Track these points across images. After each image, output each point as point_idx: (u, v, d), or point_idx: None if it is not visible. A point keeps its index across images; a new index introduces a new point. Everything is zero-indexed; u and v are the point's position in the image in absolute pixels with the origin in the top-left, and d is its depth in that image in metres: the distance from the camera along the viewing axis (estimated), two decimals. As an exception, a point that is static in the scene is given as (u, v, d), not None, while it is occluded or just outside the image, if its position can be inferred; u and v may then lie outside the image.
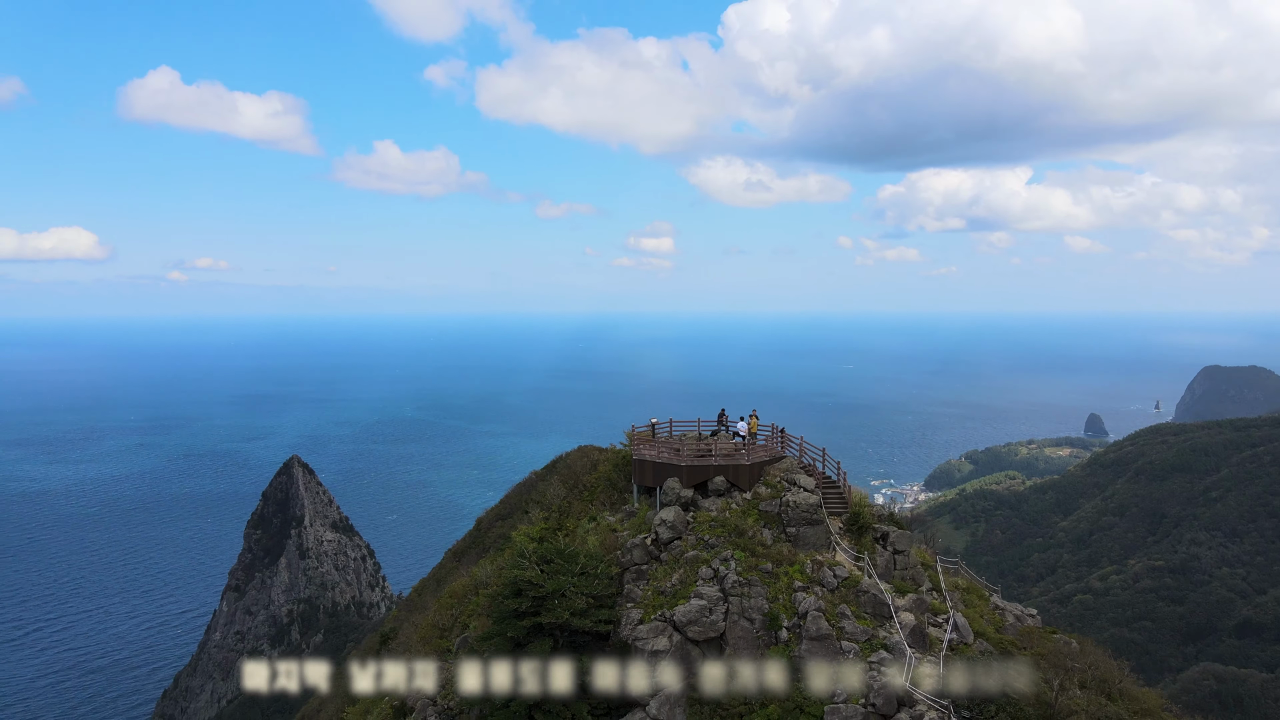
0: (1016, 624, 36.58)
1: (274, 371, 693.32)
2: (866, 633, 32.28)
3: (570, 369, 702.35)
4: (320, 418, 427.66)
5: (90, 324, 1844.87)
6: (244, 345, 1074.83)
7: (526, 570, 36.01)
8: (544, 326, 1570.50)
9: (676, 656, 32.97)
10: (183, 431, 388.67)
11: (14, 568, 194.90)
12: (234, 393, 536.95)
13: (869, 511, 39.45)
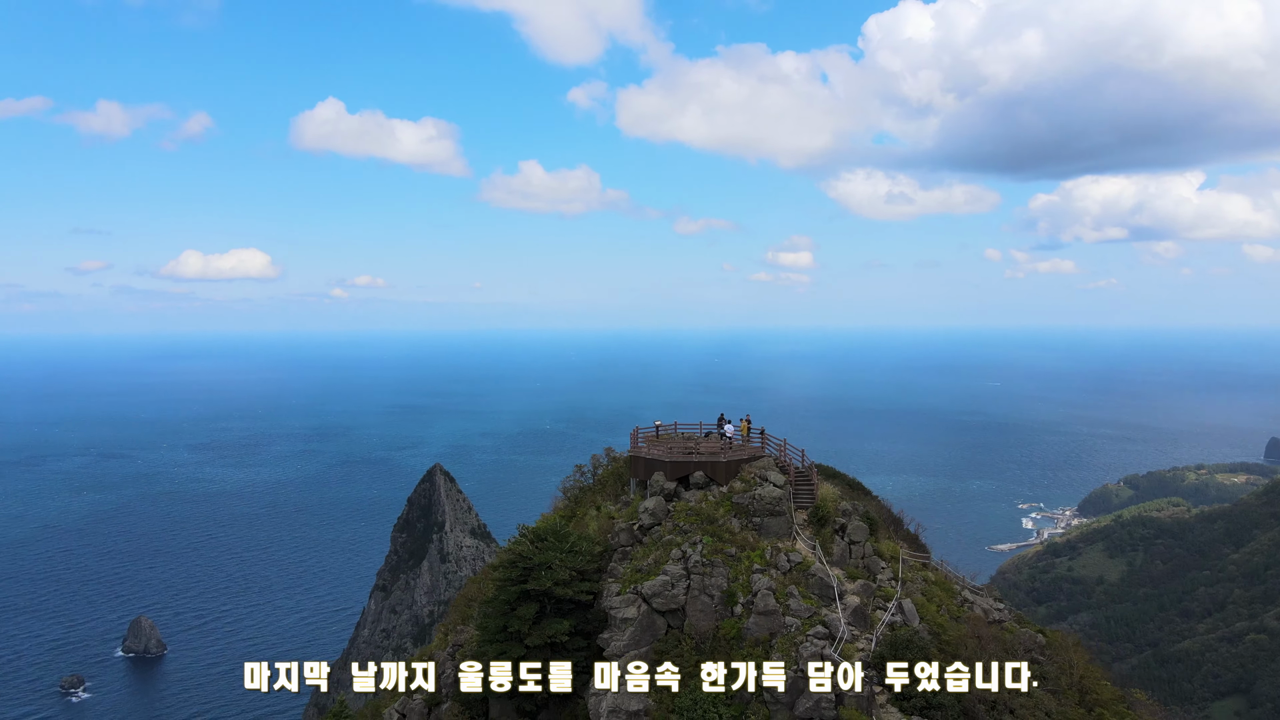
0: (983, 616, 38.64)
1: (423, 384, 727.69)
2: (810, 610, 36.22)
3: (707, 384, 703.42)
4: (465, 428, 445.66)
5: (263, 338, 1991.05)
6: (397, 358, 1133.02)
7: (520, 545, 42.55)
8: (681, 341, 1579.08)
9: (643, 623, 38.19)
10: (341, 439, 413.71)
11: (195, 561, 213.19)
12: (387, 403, 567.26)
13: (832, 506, 42.77)
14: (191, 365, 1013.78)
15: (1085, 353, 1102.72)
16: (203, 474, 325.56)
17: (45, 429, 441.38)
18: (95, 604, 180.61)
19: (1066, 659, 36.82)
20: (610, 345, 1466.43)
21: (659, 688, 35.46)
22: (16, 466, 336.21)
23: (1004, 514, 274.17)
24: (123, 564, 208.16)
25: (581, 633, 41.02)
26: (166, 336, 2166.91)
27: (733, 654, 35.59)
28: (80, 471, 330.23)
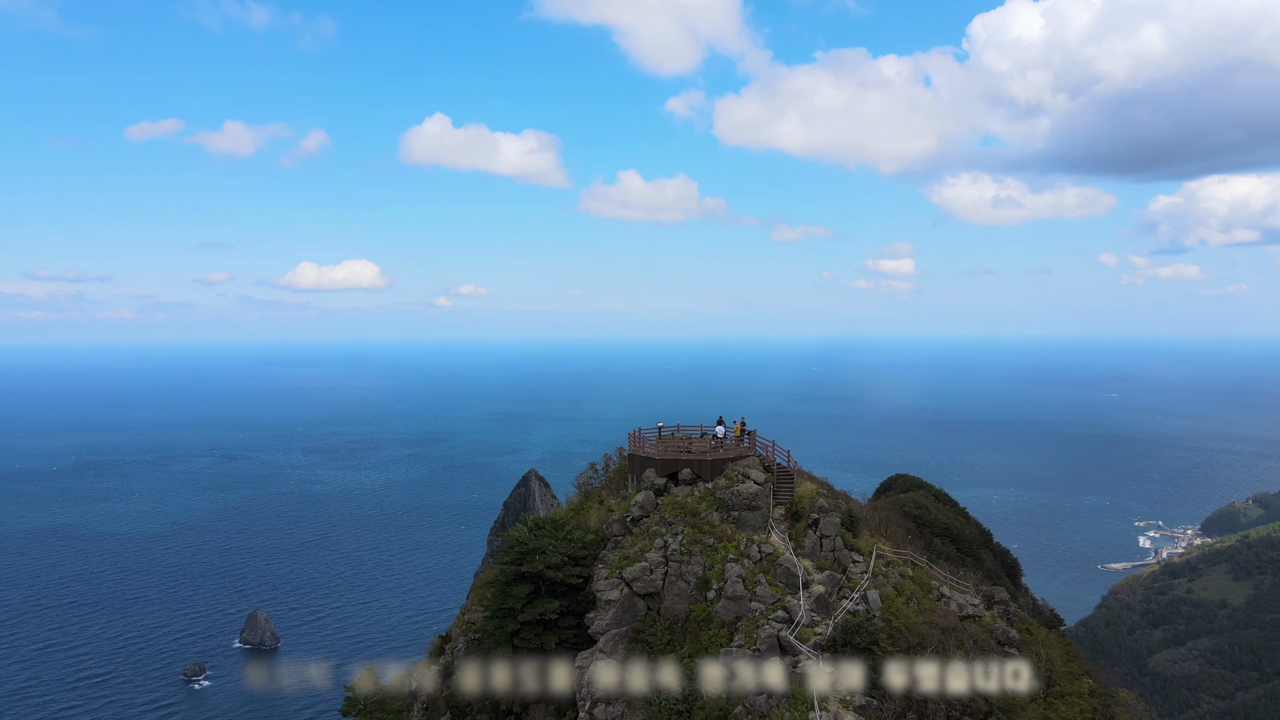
0: (955, 610, 40.36)
1: (524, 391, 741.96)
2: (775, 597, 39.02)
3: (804, 393, 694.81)
4: (563, 435, 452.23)
5: (372, 346, 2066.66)
6: (499, 366, 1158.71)
7: (519, 533, 47.21)
8: (778, 349, 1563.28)
9: (624, 605, 41.23)
10: (445, 445, 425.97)
11: (307, 559, 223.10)
12: (490, 410, 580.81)
13: (808, 502, 45.30)
14: (306, 372, 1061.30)
15: (1212, 363, 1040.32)
16: (315, 476, 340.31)
17: (174, 431, 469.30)
18: (216, 597, 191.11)
19: (1039, 654, 38.69)
20: (707, 353, 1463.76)
21: (633, 660, 39.16)
22: (149, 466, 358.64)
23: (1119, 531, 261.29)
24: (241, 560, 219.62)
25: (572, 612, 44.78)
26: (284, 344, 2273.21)
27: (701, 635, 38.83)
28: (205, 472, 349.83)
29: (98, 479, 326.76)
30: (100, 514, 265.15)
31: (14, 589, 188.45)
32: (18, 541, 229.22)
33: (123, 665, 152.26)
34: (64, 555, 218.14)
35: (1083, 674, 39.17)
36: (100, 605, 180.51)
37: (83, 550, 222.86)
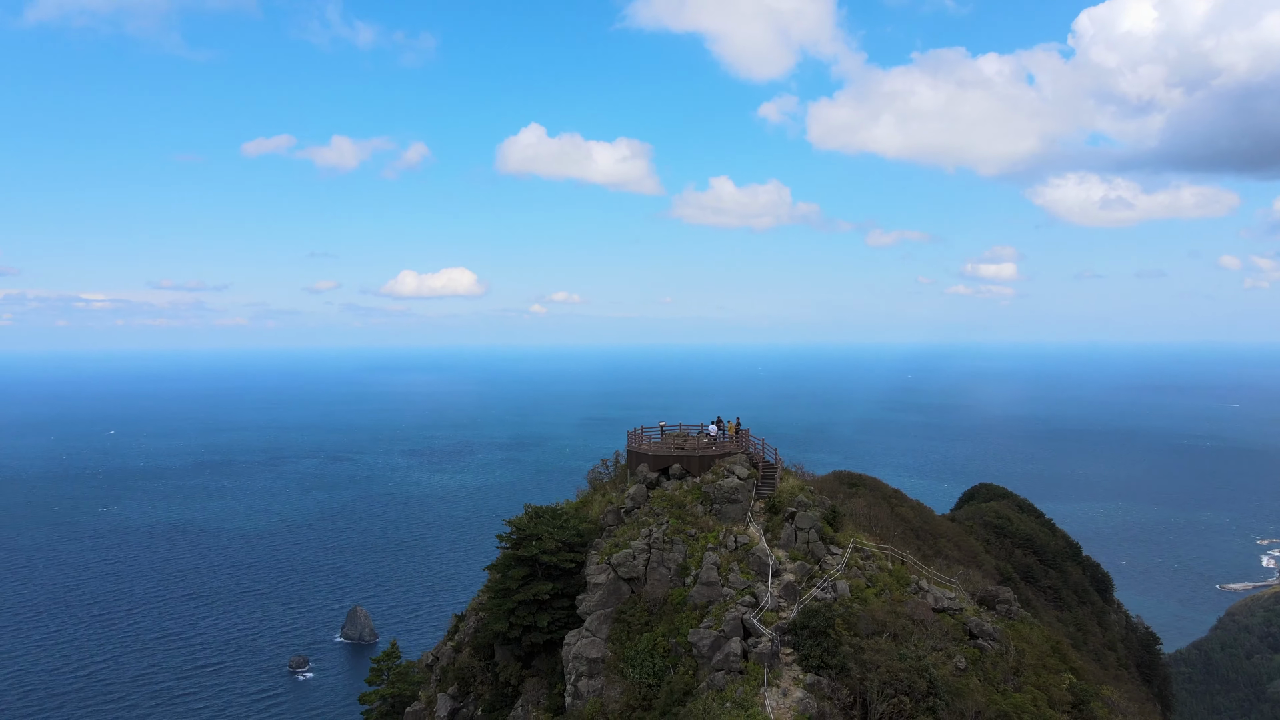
0: (929, 603, 41.99)
1: (616, 396, 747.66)
2: (746, 584, 41.87)
3: (899, 401, 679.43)
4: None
5: (469, 352, 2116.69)
6: (591, 372, 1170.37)
7: (520, 520, 51.11)
8: (873, 356, 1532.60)
9: (610, 588, 44.56)
10: (539, 450, 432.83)
11: (405, 558, 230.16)
12: (582, 416, 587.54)
13: (787, 497, 47.56)
14: (406, 377, 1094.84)
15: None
16: (414, 478, 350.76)
17: (284, 433, 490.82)
18: (320, 592, 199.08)
19: (1017, 647, 40.44)
20: (799, 360, 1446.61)
21: (615, 640, 42.71)
22: (260, 467, 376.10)
23: (1238, 550, 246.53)
24: (343, 557, 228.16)
25: (565, 594, 48.20)
26: (385, 350, 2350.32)
27: (676, 617, 42.02)
28: (311, 472, 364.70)
29: (214, 478, 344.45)
30: (215, 511, 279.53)
31: (138, 580, 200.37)
32: (141, 535, 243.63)
33: (233, 656, 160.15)
34: (182, 549, 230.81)
35: (1065, 670, 40.58)
36: (214, 598, 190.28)
37: (199, 545, 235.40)
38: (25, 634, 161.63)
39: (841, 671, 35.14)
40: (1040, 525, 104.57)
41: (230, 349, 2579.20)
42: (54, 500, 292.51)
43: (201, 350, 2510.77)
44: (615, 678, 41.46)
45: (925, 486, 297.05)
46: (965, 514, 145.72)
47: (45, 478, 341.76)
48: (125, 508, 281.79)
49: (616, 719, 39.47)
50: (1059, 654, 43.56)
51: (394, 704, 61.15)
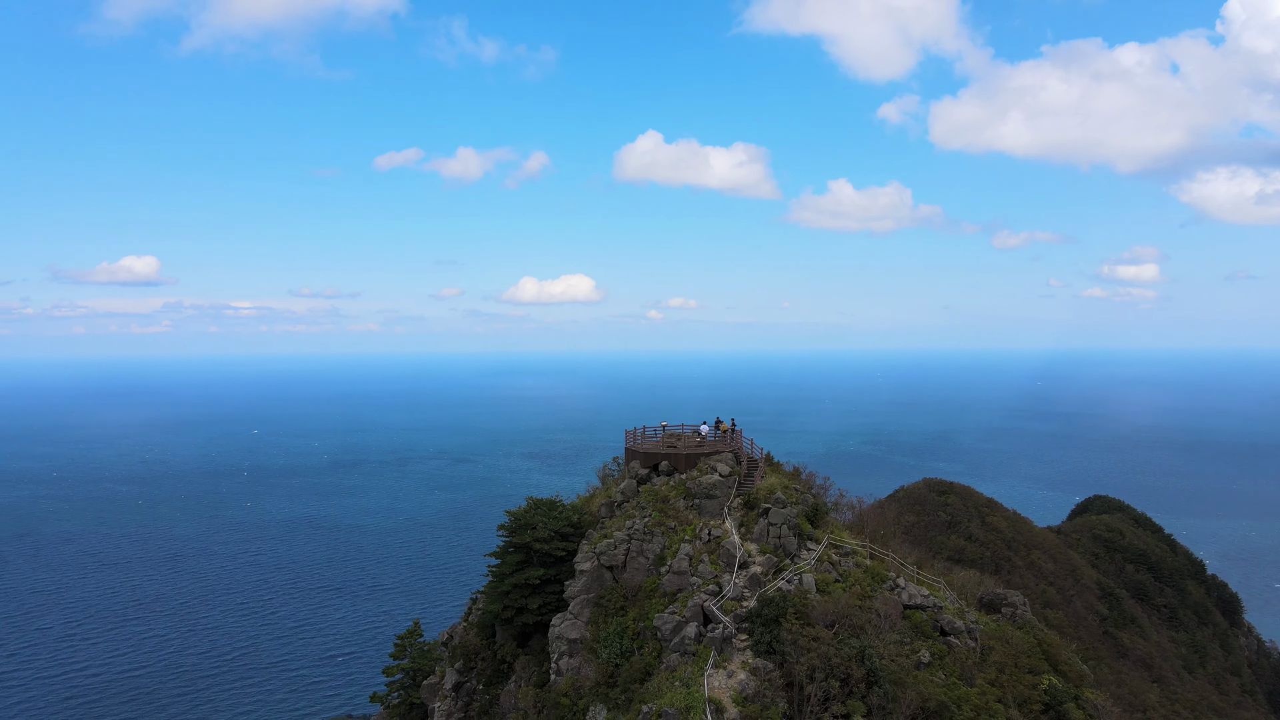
0: (899, 600, 43.27)
1: (732, 402, 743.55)
2: (713, 574, 44.21)
3: (1028, 409, 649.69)
4: (770, 448, 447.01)
5: (587, 357, 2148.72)
6: (707, 377, 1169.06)
7: (519, 510, 54.89)
8: (999, 362, 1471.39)
9: (593, 575, 48.09)
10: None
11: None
12: (697, 421, 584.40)
13: (764, 493, 49.72)
14: (526, 381, 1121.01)
15: None
16: (532, 480, 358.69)
17: (411, 435, 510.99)
18: (443, 588, 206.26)
19: (990, 646, 41.79)
20: (921, 366, 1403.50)
21: (594, 623, 46.02)
22: (389, 466, 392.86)
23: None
24: (463, 556, 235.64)
25: (556, 580, 51.58)
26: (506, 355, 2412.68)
27: (648, 603, 44.94)
28: (436, 473, 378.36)
29: (346, 476, 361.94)
30: (348, 508, 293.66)
31: (277, 571, 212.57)
32: (280, 529, 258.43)
33: (363, 646, 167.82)
34: (317, 543, 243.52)
35: (1047, 672, 41.73)
36: (345, 590, 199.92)
37: (333, 540, 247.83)
38: (179, 618, 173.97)
39: (783, 657, 37.19)
40: (1158, 541, 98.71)
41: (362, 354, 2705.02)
42: (205, 494, 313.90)
43: (336, 355, 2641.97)
44: (590, 657, 44.80)
45: (1050, 498, 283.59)
46: (1073, 526, 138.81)
47: (197, 473, 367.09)
48: (267, 503, 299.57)
49: (587, 694, 42.82)
50: (1048, 657, 44.07)
51: (414, 677, 65.66)
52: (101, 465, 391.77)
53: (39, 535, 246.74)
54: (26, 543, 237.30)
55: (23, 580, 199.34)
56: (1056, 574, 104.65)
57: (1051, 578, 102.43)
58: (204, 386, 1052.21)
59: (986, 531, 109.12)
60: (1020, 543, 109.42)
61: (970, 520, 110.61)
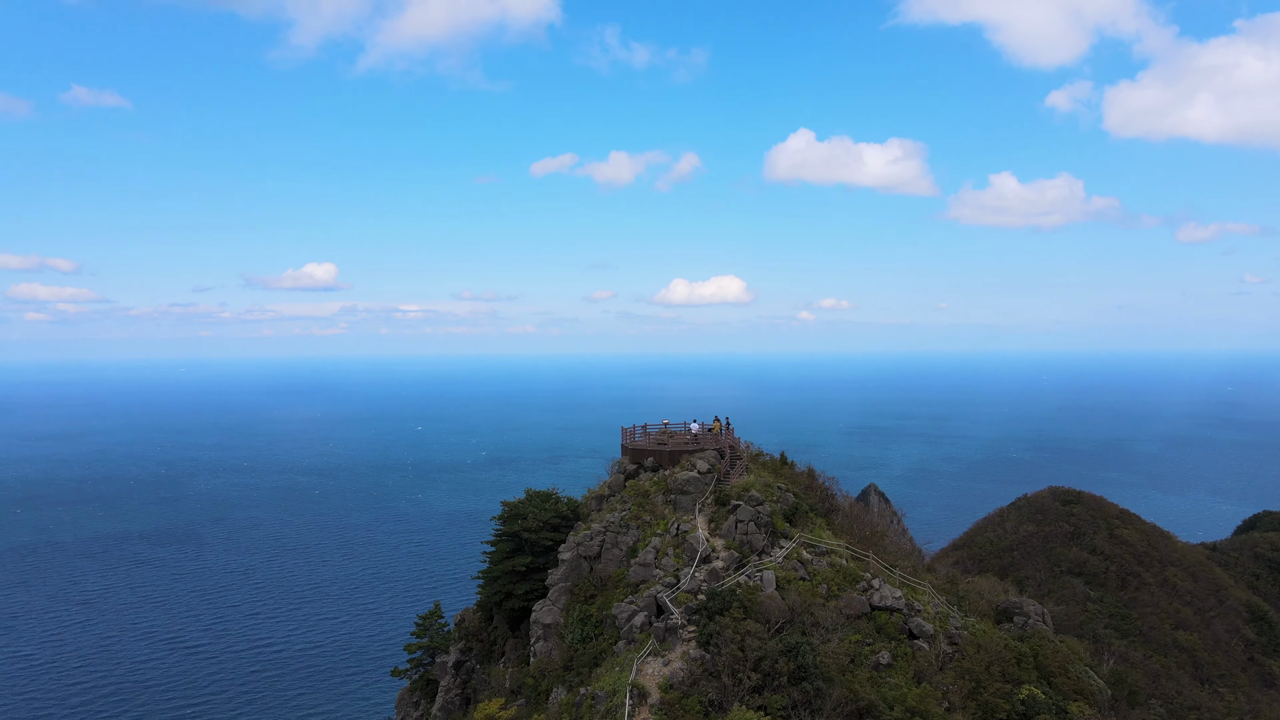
0: (865, 600, 43.46)
1: (886, 405, 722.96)
2: (675, 566, 45.83)
3: (1218, 416, 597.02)
4: (925, 453, 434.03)
5: (736, 359, 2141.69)
6: (860, 379, 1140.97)
7: (515, 501, 58.22)
8: (1184, 366, 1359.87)
9: (572, 564, 50.28)
10: (804, 456, 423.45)
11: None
12: (849, 424, 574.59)
13: (736, 490, 50.72)
14: (675, 382, 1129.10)
15: None
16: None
17: (564, 434, 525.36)
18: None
19: (940, 651, 42.09)
20: (1093, 370, 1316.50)
21: (568, 610, 48.31)
22: (543, 464, 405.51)
23: None
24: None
25: (542, 568, 54.25)
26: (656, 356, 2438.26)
27: (614, 593, 46.93)
28: (588, 471, 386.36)
29: (502, 473, 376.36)
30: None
31: (439, 562, 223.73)
32: (441, 521, 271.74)
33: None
34: (474, 536, 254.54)
35: (1027, 682, 41.33)
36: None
37: (488, 533, 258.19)
38: (349, 601, 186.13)
39: (718, 649, 38.66)
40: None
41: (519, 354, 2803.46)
42: (373, 487, 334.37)
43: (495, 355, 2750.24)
44: (558, 642, 47.44)
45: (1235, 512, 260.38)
46: (1233, 544, 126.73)
47: (367, 466, 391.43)
48: (429, 496, 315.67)
49: (550, 676, 45.47)
50: (1042, 668, 43.59)
51: (431, 654, 70.05)
52: (286, 457, 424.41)
53: (232, 520, 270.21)
54: (221, 526, 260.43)
55: (217, 560, 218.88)
56: (1196, 593, 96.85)
57: (1188, 597, 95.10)
58: (374, 385, 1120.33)
59: (1114, 545, 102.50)
60: (1154, 558, 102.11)
61: (1096, 532, 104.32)
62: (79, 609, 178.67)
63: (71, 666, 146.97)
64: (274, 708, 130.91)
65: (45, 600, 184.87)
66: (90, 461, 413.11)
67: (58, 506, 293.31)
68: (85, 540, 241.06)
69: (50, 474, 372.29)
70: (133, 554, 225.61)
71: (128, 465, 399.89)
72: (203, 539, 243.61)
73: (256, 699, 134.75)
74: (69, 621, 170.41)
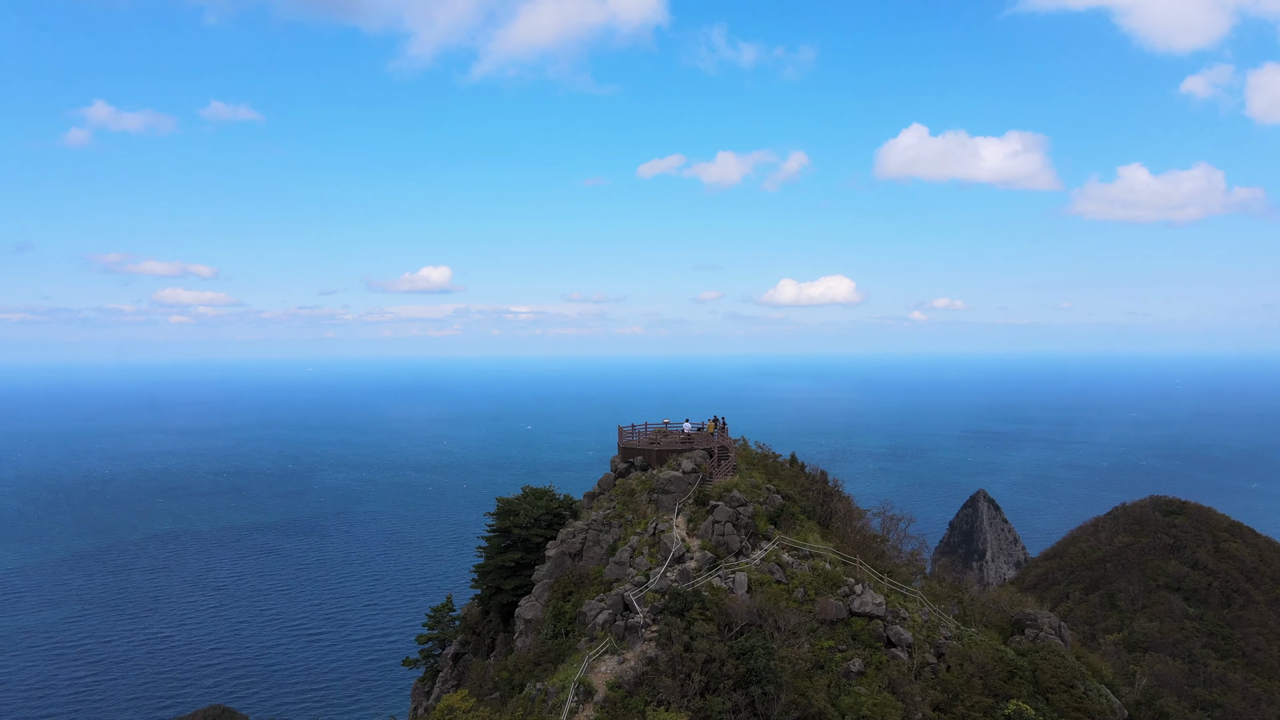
0: (842, 605, 42.48)
1: (1004, 409, 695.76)
2: (648, 565, 45.68)
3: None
4: (1046, 459, 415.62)
5: (845, 360, 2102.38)
6: (975, 381, 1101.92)
7: (509, 498, 59.97)
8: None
9: (557, 560, 50.87)
10: (916, 461, 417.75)
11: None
12: (964, 427, 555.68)
13: (716, 491, 50.65)
14: (782, 383, 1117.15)
15: None
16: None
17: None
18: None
19: (940, 663, 41.36)
20: (1236, 373, 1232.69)
21: (549, 605, 48.85)
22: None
23: None
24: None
25: (532, 564, 55.20)
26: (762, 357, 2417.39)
27: (590, 590, 47.17)
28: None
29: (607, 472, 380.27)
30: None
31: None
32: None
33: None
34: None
35: (1003, 697, 40.12)
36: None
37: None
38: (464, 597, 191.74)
39: (665, 648, 38.81)
40: None
41: (627, 355, 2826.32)
42: (483, 484, 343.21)
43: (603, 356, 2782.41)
44: (535, 636, 48.22)
45: None
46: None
47: (478, 464, 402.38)
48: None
49: (523, 670, 45.79)
50: (1039, 684, 42.04)
51: (441, 645, 72.42)
52: (402, 454, 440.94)
53: (352, 513, 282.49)
54: (342, 519, 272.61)
55: (338, 552, 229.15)
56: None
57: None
58: (486, 385, 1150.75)
59: (1219, 559, 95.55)
60: (1266, 575, 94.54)
61: (1200, 546, 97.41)
62: (213, 594, 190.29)
63: (206, 649, 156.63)
64: (387, 697, 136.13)
65: (183, 585, 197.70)
66: (225, 455, 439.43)
67: (196, 497, 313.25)
68: (220, 530, 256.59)
69: (189, 466, 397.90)
70: (262, 544, 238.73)
71: (258, 459, 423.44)
72: (325, 531, 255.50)
73: (373, 687, 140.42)
74: (204, 606, 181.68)
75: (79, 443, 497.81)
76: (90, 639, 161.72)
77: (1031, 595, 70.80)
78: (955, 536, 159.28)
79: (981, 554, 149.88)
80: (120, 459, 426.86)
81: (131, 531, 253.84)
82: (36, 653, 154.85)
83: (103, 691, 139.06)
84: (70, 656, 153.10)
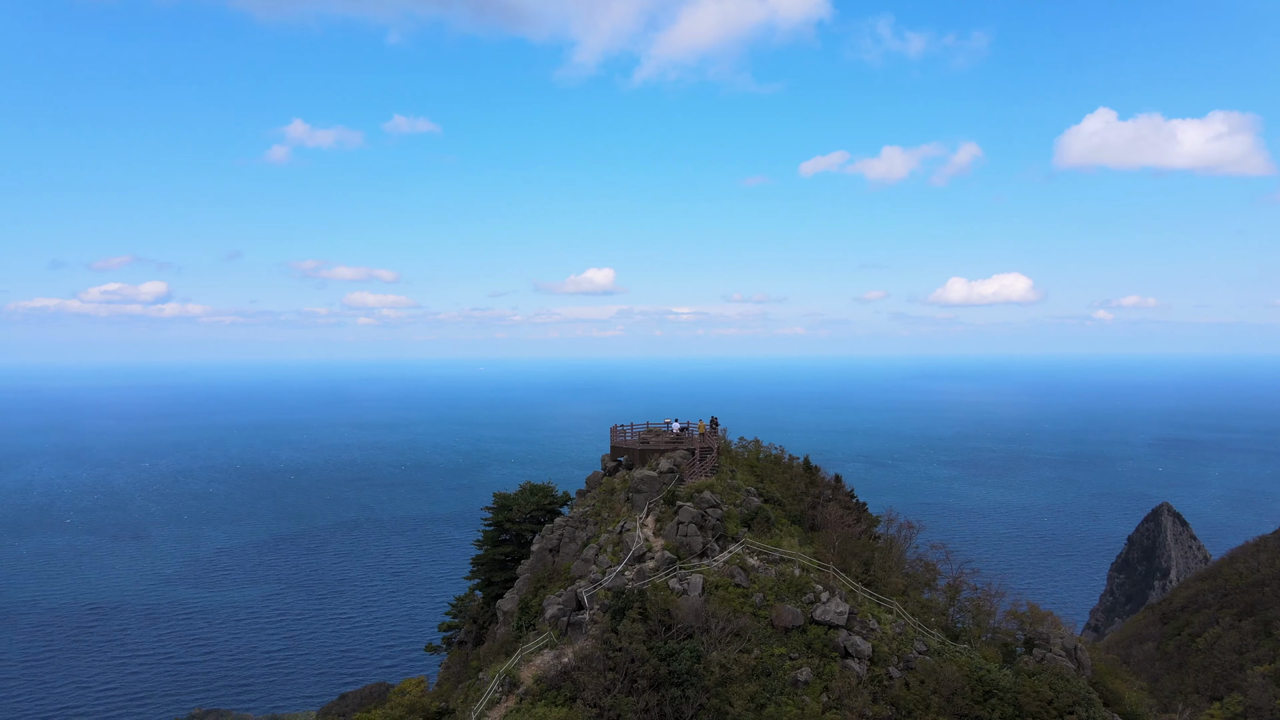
0: (800, 612, 41.96)
1: (1204, 415, 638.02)
2: (608, 564, 46.02)
3: None
4: (1255, 472, 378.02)
5: (1020, 361, 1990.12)
6: (1170, 385, 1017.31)
7: (506, 494, 62.61)
8: None
9: (539, 555, 52.73)
10: (1100, 470, 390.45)
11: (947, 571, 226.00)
12: (1157, 435, 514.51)
13: (687, 492, 50.22)
14: (951, 386, 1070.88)
15: None
16: (955, 490, 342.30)
17: (832, 436, 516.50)
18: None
19: (902, 678, 40.52)
20: None
21: (523, 596, 50.50)
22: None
23: None
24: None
25: (521, 558, 57.23)
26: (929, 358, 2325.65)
27: (556, 584, 48.39)
28: (854, 477, 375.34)
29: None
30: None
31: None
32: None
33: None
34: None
35: (946, 716, 38.76)
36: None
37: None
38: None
39: (604, 644, 39.36)
40: None
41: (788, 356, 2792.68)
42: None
43: (765, 356, 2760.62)
44: (506, 628, 49.56)
45: None
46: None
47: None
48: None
49: (491, 660, 46.71)
50: (1021, 707, 39.28)
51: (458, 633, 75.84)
52: (565, 451, 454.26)
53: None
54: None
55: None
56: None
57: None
58: (648, 384, 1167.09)
59: None
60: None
61: None
62: (391, 579, 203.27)
63: (384, 630, 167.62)
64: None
65: (365, 570, 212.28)
66: (404, 449, 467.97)
67: (378, 488, 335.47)
68: (398, 519, 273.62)
69: (373, 458, 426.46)
70: (435, 534, 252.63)
71: (433, 453, 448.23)
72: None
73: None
74: (383, 590, 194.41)
75: (278, 435, 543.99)
76: (286, 616, 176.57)
77: (1155, 619, 65.27)
78: (1134, 553, 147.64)
79: (1165, 572, 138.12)
80: (313, 450, 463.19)
81: (322, 518, 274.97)
82: (241, 625, 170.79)
83: (293, 665, 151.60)
84: (269, 631, 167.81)
